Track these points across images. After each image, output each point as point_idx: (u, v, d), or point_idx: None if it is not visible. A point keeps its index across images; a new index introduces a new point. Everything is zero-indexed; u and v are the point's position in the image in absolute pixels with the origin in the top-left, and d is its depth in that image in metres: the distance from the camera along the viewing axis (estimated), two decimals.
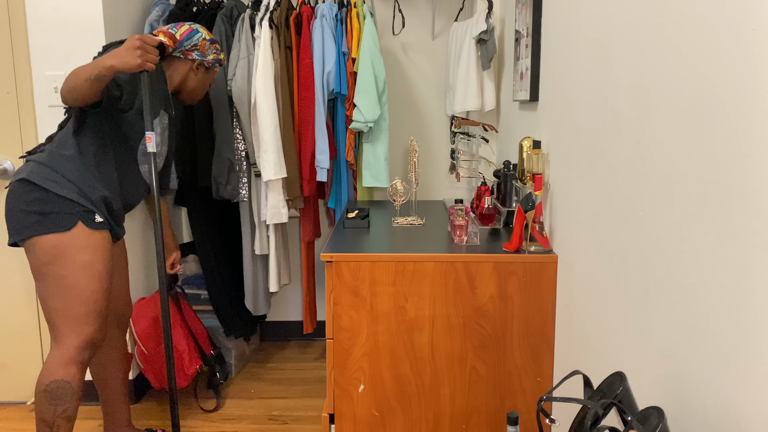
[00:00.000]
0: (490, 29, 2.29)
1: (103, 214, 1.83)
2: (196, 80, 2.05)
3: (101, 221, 1.82)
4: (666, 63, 1.03)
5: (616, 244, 1.25)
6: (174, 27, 2.00)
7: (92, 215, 1.80)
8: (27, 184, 1.76)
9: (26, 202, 1.75)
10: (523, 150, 1.82)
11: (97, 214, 1.81)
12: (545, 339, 1.70)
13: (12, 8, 2.34)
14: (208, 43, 2.04)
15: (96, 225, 1.80)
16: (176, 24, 2.02)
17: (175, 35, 1.98)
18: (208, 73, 2.08)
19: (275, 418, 2.45)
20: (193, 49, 2.01)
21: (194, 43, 2.01)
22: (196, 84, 2.06)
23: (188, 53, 2.00)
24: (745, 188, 0.80)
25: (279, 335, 3.27)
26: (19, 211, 1.75)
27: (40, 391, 1.75)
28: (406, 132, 3.08)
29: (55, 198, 1.75)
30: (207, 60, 2.04)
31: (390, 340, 1.70)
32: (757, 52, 0.78)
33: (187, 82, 2.04)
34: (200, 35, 2.02)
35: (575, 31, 1.52)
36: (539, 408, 0.99)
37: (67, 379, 1.75)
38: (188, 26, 2.02)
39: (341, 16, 2.57)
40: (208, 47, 2.04)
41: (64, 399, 1.75)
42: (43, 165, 1.78)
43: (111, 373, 2.11)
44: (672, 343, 1.01)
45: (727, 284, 0.85)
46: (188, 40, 2.00)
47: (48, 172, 1.77)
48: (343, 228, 2.05)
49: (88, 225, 1.78)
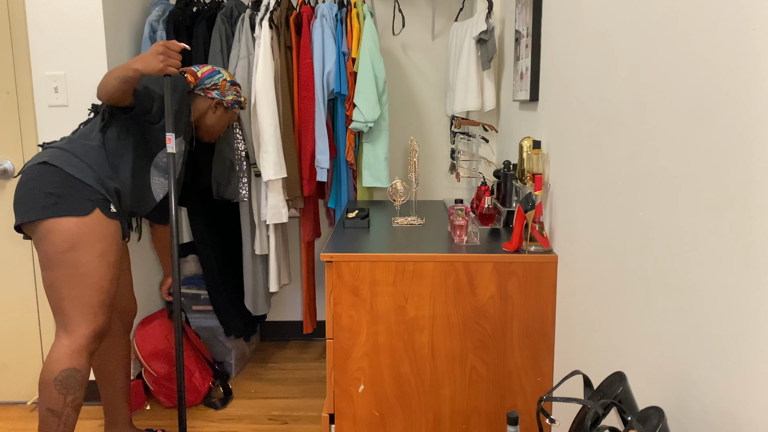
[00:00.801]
0: (490, 29, 2.29)
1: (116, 205, 1.87)
2: (214, 118, 2.17)
3: (115, 212, 1.86)
4: (666, 63, 1.03)
5: (616, 244, 1.25)
6: (197, 66, 2.17)
7: (109, 204, 1.83)
8: (47, 167, 1.76)
9: (45, 184, 1.74)
10: (523, 150, 1.82)
11: (112, 204, 1.85)
12: (545, 339, 1.70)
13: (12, 8, 2.34)
14: (228, 84, 2.18)
15: (111, 214, 1.84)
16: (200, 65, 2.19)
17: (197, 73, 2.14)
18: (226, 113, 2.20)
19: (275, 418, 2.45)
20: (214, 89, 2.14)
21: (215, 82, 2.15)
22: (214, 122, 2.18)
23: (208, 92, 2.14)
24: (746, 188, 0.80)
25: (279, 335, 3.27)
26: (36, 191, 1.74)
27: (48, 381, 1.73)
28: (406, 132, 3.08)
29: (75, 182, 1.77)
30: (226, 100, 2.17)
31: (390, 340, 1.70)
32: (757, 52, 0.78)
33: (206, 119, 2.16)
34: (221, 76, 2.17)
35: (575, 31, 1.52)
36: (539, 408, 0.99)
37: (78, 367, 1.75)
38: (210, 67, 2.18)
39: (341, 16, 2.57)
40: (228, 88, 2.17)
41: (75, 388, 1.75)
42: (64, 150, 1.81)
43: (114, 369, 2.11)
44: (672, 343, 1.01)
45: (728, 284, 0.85)
46: (209, 78, 2.14)
47: (70, 158, 1.79)
48: (343, 228, 2.05)
49: (105, 213, 1.81)
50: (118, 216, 1.87)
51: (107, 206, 1.82)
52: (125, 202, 1.93)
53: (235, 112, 2.22)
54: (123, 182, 1.91)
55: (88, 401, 2.55)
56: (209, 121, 2.17)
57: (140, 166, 1.96)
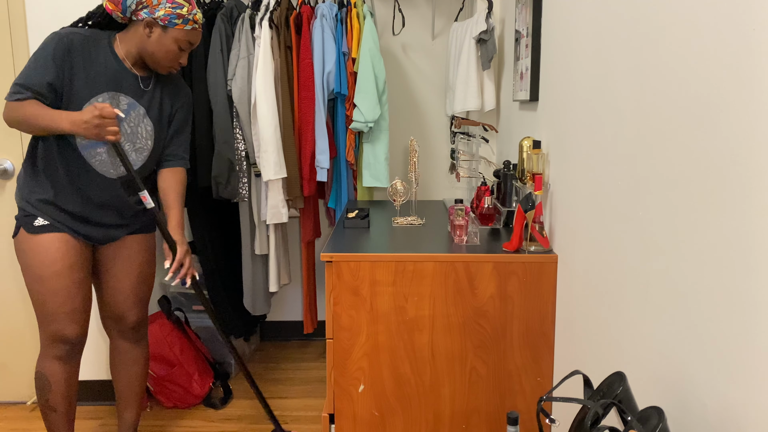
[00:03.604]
0: (490, 29, 2.29)
1: (48, 216, 1.79)
2: (153, 44, 1.77)
3: (43, 224, 1.79)
4: (666, 63, 1.03)
5: (616, 244, 1.25)
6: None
7: (32, 219, 1.79)
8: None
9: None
10: (523, 150, 1.82)
11: (39, 217, 1.79)
12: (545, 339, 1.70)
13: (12, 8, 2.34)
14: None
15: (35, 229, 1.79)
16: None
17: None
18: (166, 33, 1.76)
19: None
20: (140, 7, 1.75)
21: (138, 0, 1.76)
22: (155, 48, 1.78)
23: (137, 14, 1.76)
24: (746, 188, 0.80)
25: (279, 335, 3.27)
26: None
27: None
28: (406, 132, 3.08)
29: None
30: (158, 17, 1.74)
31: (390, 340, 1.70)
32: (757, 52, 0.78)
33: (146, 47, 1.79)
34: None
35: (575, 31, 1.52)
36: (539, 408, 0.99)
37: (42, 371, 1.86)
38: None
39: (341, 16, 2.57)
40: (158, 2, 1.74)
41: (44, 390, 1.87)
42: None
43: (117, 375, 2.10)
44: (672, 343, 1.01)
45: (728, 284, 0.85)
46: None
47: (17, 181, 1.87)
48: (343, 228, 2.05)
49: (27, 229, 1.79)
50: (50, 227, 1.79)
51: (30, 222, 1.79)
52: (74, 203, 1.81)
53: (180, 29, 1.77)
54: (57, 183, 1.80)
55: (88, 401, 2.55)
56: (150, 48, 1.78)
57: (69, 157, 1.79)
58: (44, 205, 1.80)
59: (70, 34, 1.74)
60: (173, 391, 2.50)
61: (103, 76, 1.78)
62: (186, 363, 2.50)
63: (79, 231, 1.84)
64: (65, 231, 1.82)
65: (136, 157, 1.88)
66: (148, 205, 1.83)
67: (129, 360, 2.08)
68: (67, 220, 1.82)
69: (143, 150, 1.89)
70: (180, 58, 1.84)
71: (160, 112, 1.91)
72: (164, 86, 1.93)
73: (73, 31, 1.76)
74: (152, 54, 1.80)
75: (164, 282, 2.89)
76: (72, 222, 1.83)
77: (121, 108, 1.82)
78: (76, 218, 1.84)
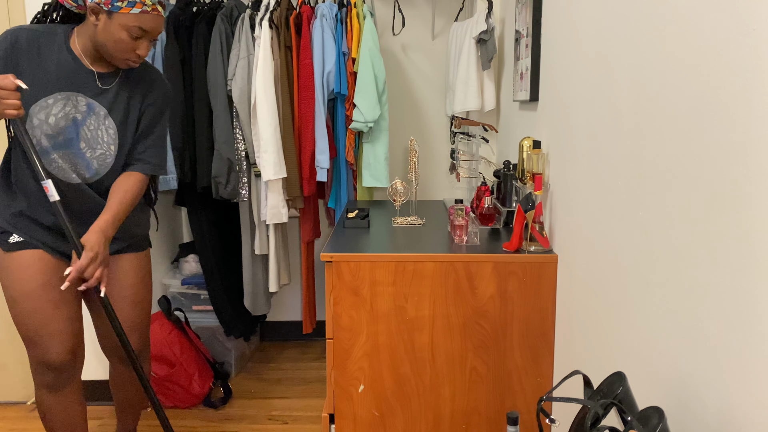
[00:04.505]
0: (490, 29, 2.29)
1: (22, 232, 1.66)
2: (101, 33, 1.55)
3: (17, 241, 1.66)
4: (666, 63, 1.03)
5: (616, 244, 1.25)
6: None
7: (6, 236, 1.67)
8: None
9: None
10: (523, 150, 1.82)
11: (14, 234, 1.66)
12: (545, 339, 1.70)
13: (12, 8, 2.34)
14: None
15: (9, 246, 1.66)
16: None
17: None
18: (112, 19, 1.52)
19: (275, 418, 2.45)
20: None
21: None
22: (103, 38, 1.55)
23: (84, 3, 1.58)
24: (746, 187, 0.80)
25: (279, 335, 3.27)
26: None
27: None
28: (406, 132, 3.07)
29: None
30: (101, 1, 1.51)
31: (390, 340, 1.70)
32: (757, 52, 0.78)
33: (96, 38, 1.57)
34: None
35: (575, 31, 1.52)
36: (539, 408, 0.99)
37: (38, 400, 1.75)
38: None
39: (341, 16, 2.57)
40: None
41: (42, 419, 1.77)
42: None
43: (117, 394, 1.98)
44: (672, 343, 1.01)
45: (727, 284, 0.85)
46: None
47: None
48: (343, 228, 2.05)
49: (2, 246, 1.66)
50: (26, 243, 1.66)
51: (5, 239, 1.66)
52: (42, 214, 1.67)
53: (126, 13, 1.51)
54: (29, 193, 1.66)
55: (88, 401, 2.54)
56: (99, 38, 1.56)
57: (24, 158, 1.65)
58: (18, 218, 1.67)
59: (18, 31, 1.58)
60: (173, 391, 2.50)
61: (54, 75, 1.59)
62: (186, 363, 2.50)
63: (56, 247, 1.69)
64: (40, 248, 1.67)
65: (98, 165, 1.67)
66: (51, 198, 1.56)
67: (124, 381, 1.93)
68: (42, 234, 1.68)
69: (105, 156, 1.68)
70: (136, 47, 1.57)
71: (127, 113, 1.69)
72: (134, 83, 1.70)
73: (21, 28, 1.59)
74: (103, 45, 1.57)
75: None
76: (47, 237, 1.68)
77: (80, 109, 1.62)
78: (51, 232, 1.69)
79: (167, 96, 1.78)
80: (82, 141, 1.64)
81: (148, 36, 1.58)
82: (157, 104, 1.74)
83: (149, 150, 1.75)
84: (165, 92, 1.77)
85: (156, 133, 1.76)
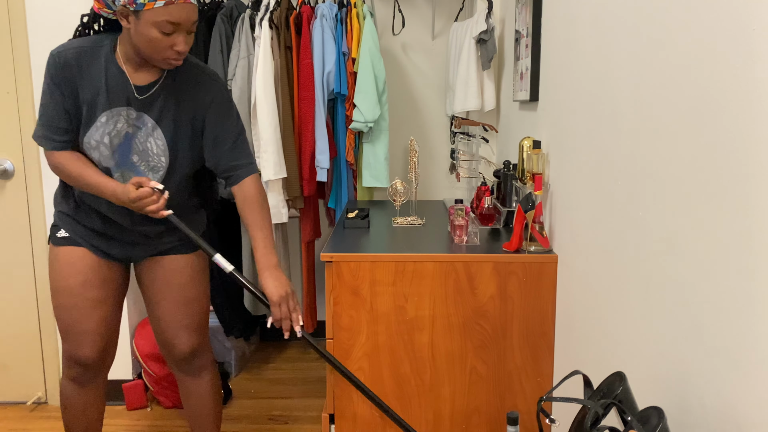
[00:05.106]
0: (490, 29, 2.29)
1: (69, 229, 1.68)
2: (134, 36, 1.48)
3: (64, 236, 1.68)
4: (666, 63, 1.03)
5: (616, 244, 1.25)
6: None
7: (56, 230, 1.69)
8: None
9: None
10: (523, 150, 1.82)
11: (62, 229, 1.69)
12: (545, 339, 1.70)
13: (12, 8, 2.34)
14: None
15: (57, 240, 1.68)
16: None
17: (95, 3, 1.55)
18: (140, 19, 1.44)
19: (275, 418, 2.45)
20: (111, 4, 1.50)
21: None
22: (137, 40, 1.48)
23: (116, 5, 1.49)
24: (746, 187, 0.80)
25: (279, 335, 3.27)
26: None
27: None
28: (406, 132, 3.07)
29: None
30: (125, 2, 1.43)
31: (390, 340, 1.70)
32: (757, 52, 0.78)
33: (133, 43, 1.50)
34: None
35: (575, 31, 1.52)
36: (539, 408, 0.99)
37: (62, 389, 1.77)
38: None
39: (341, 16, 2.57)
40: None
41: (62, 408, 1.78)
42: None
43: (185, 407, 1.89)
44: (672, 343, 1.01)
45: (727, 284, 0.85)
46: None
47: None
48: (343, 228, 2.05)
49: (51, 240, 1.70)
50: (69, 240, 1.67)
51: (55, 233, 1.69)
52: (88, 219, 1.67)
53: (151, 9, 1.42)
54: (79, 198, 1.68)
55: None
56: (134, 42, 1.49)
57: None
58: (65, 217, 1.69)
59: (64, 52, 1.53)
60: (173, 391, 2.50)
61: (104, 92, 1.54)
62: None
63: (99, 247, 1.69)
64: (84, 246, 1.68)
65: (153, 177, 1.63)
66: (226, 270, 1.64)
67: (189, 393, 1.85)
68: (87, 234, 1.68)
69: (158, 168, 1.62)
70: (173, 44, 1.48)
71: (177, 122, 1.60)
72: (180, 88, 1.60)
73: (66, 48, 1.54)
74: (139, 48, 1.49)
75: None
76: (93, 237, 1.68)
77: (131, 123, 1.57)
78: (96, 234, 1.69)
79: (223, 93, 1.65)
80: (135, 154, 1.60)
81: (182, 28, 1.47)
82: (215, 105, 1.63)
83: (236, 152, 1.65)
84: (219, 90, 1.64)
85: (232, 134, 1.65)
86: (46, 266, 2.46)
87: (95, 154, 1.58)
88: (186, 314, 1.76)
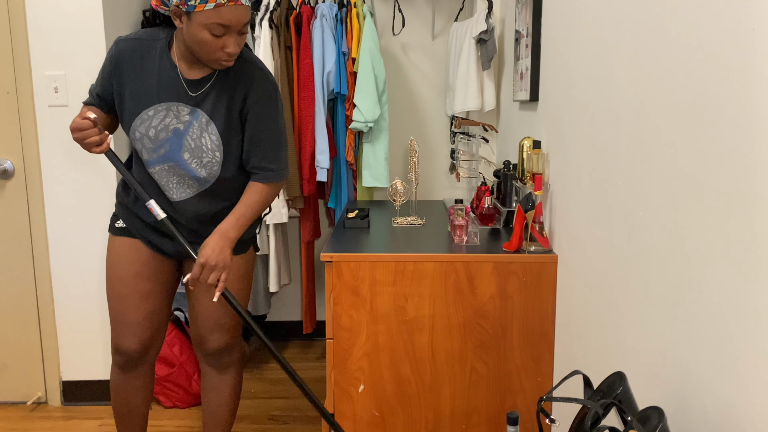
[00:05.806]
0: (490, 29, 2.29)
1: (126, 220, 1.73)
2: (187, 36, 1.50)
3: (121, 227, 1.73)
4: (666, 63, 1.03)
5: (616, 244, 1.25)
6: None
7: (115, 220, 1.75)
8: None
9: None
10: (523, 150, 1.82)
11: (120, 219, 1.74)
12: (545, 339, 1.70)
13: (12, 8, 2.34)
14: None
15: (115, 230, 1.74)
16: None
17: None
18: (191, 20, 1.46)
19: (275, 418, 2.45)
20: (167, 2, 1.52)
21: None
22: (189, 41, 1.50)
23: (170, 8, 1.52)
24: (746, 188, 0.80)
25: (279, 335, 3.27)
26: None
27: None
28: (406, 132, 3.07)
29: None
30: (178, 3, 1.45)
31: (390, 340, 1.70)
32: (757, 52, 0.78)
33: (186, 42, 1.53)
34: None
35: (575, 31, 1.52)
36: (539, 408, 0.99)
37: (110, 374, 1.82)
38: None
39: (341, 16, 2.57)
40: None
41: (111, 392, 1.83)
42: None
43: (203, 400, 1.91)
44: (672, 343, 1.01)
45: (727, 284, 0.85)
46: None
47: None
48: (343, 228, 2.05)
49: (110, 229, 1.77)
50: (126, 230, 1.72)
51: (114, 223, 1.75)
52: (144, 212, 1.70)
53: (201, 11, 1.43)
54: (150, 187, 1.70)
55: (88, 401, 2.54)
56: (187, 42, 1.51)
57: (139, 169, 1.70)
58: (124, 208, 1.73)
59: (122, 42, 1.59)
60: (173, 391, 2.50)
61: (155, 86, 1.57)
62: (186, 363, 2.50)
63: (153, 241, 1.71)
64: (139, 238, 1.72)
65: (206, 174, 1.63)
66: (158, 217, 1.60)
67: (210, 387, 1.88)
68: (141, 227, 1.72)
69: (212, 164, 1.62)
70: (223, 45, 1.48)
71: (229, 117, 1.60)
72: (232, 83, 1.61)
73: (126, 38, 1.60)
74: (191, 49, 1.52)
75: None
76: (146, 231, 1.71)
77: (182, 119, 1.59)
78: (150, 228, 1.72)
79: (270, 92, 1.63)
80: (186, 152, 1.60)
81: (232, 30, 1.47)
82: (259, 104, 1.61)
83: (266, 158, 1.65)
84: (267, 88, 1.62)
85: (268, 137, 1.64)
86: (46, 266, 2.46)
87: (138, 145, 1.63)
88: (223, 314, 1.78)
